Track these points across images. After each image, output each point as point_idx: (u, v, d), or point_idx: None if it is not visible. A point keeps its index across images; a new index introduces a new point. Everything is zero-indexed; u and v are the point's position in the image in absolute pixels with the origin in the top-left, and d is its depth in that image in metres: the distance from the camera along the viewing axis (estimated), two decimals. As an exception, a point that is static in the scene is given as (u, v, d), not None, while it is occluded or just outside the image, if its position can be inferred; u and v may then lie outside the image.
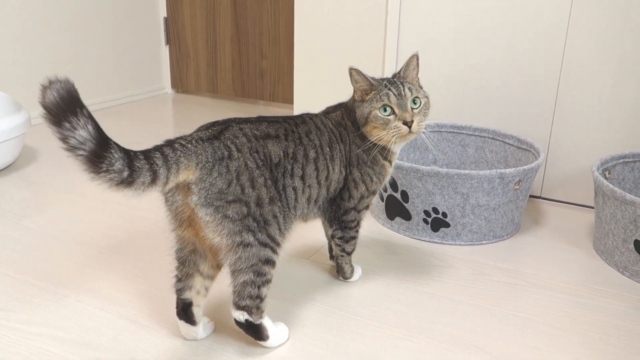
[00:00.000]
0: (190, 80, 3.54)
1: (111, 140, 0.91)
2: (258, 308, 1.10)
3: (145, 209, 1.82)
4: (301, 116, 1.24)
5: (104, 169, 0.90)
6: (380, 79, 1.24)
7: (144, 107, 3.20)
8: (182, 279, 1.14)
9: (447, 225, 1.62)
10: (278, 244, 1.09)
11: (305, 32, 2.29)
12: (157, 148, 0.98)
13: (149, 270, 1.45)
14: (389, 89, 1.19)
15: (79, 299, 1.31)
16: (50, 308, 1.27)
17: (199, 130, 1.08)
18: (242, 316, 1.10)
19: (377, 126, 1.20)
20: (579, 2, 1.79)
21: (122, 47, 3.21)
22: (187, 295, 1.14)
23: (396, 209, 1.69)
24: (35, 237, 1.62)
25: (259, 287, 1.08)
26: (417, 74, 1.26)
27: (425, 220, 1.64)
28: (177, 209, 1.06)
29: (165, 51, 3.52)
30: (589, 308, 1.33)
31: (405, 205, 1.65)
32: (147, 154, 0.95)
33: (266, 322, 1.13)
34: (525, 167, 1.59)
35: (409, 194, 1.63)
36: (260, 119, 1.14)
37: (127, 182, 0.92)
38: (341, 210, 1.28)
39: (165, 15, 3.44)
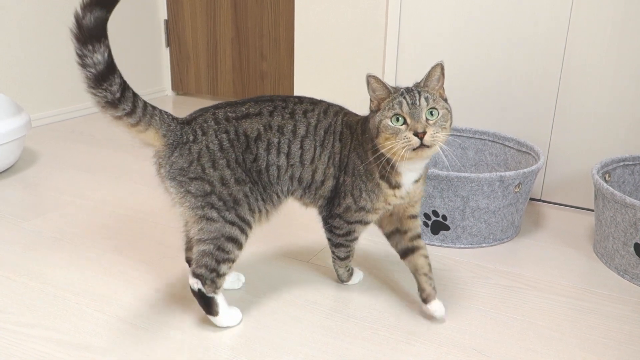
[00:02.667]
0: (190, 82, 3.55)
1: (117, 69, 1.07)
2: (213, 281, 1.17)
3: (145, 211, 1.82)
4: (314, 99, 1.24)
5: (104, 87, 1.06)
6: (399, 88, 1.17)
7: (144, 109, 3.19)
8: (188, 250, 1.31)
9: (447, 228, 1.62)
10: (248, 224, 1.17)
11: (306, 34, 2.29)
12: (144, 101, 1.13)
13: (147, 272, 1.45)
14: (404, 97, 1.11)
15: (77, 301, 1.31)
16: (49, 310, 1.27)
17: (190, 114, 1.21)
18: (196, 284, 1.17)
19: (388, 137, 1.11)
20: (579, 5, 1.79)
21: (122, 49, 3.20)
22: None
23: (396, 211, 1.68)
24: (34, 239, 1.62)
25: (217, 262, 1.16)
26: (441, 84, 1.16)
27: (425, 223, 1.64)
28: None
29: (165, 53, 3.52)
30: (588, 311, 1.33)
31: (405, 207, 1.65)
32: (136, 94, 1.11)
33: (220, 299, 1.19)
34: (525, 170, 1.59)
35: (408, 196, 1.63)
36: (247, 100, 1.19)
37: (114, 104, 1.07)
38: (331, 212, 1.26)
39: (166, 17, 3.45)
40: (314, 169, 1.22)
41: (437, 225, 1.63)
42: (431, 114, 1.11)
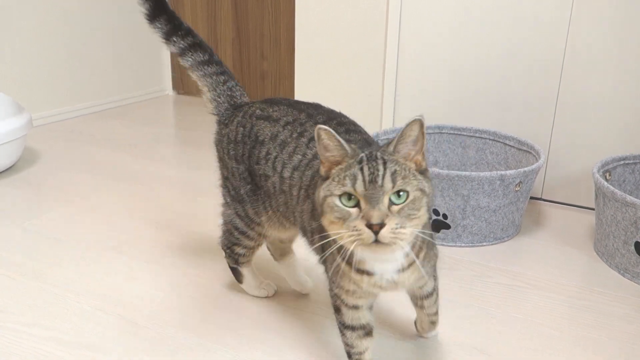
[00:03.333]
0: (191, 81, 3.52)
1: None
2: (229, 256, 1.27)
3: (145, 210, 1.82)
4: (350, 125, 1.07)
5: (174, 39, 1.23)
6: (360, 147, 0.86)
7: (145, 109, 3.20)
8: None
9: (448, 226, 1.62)
10: (254, 222, 1.18)
11: (306, 34, 2.29)
12: (224, 68, 1.25)
13: (148, 271, 1.45)
14: (361, 168, 0.79)
15: (78, 300, 1.31)
16: (49, 309, 1.27)
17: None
18: (224, 253, 1.28)
19: (334, 221, 0.80)
20: (580, 3, 1.79)
21: (123, 48, 3.21)
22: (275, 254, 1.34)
23: (396, 210, 1.68)
24: (35, 239, 1.62)
25: (231, 242, 1.25)
26: (419, 148, 0.83)
27: (425, 222, 1.64)
28: None
29: (166, 53, 3.52)
30: (589, 310, 1.33)
31: (406, 206, 1.65)
32: (212, 54, 1.24)
33: (245, 271, 1.29)
34: (525, 168, 1.59)
35: (409, 195, 1.63)
36: (284, 102, 1.16)
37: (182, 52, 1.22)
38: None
39: (166, 17, 3.45)
40: (301, 212, 1.01)
41: (438, 224, 1.63)
42: (398, 196, 0.79)
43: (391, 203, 0.78)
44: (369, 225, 0.76)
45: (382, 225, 0.76)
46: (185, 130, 2.86)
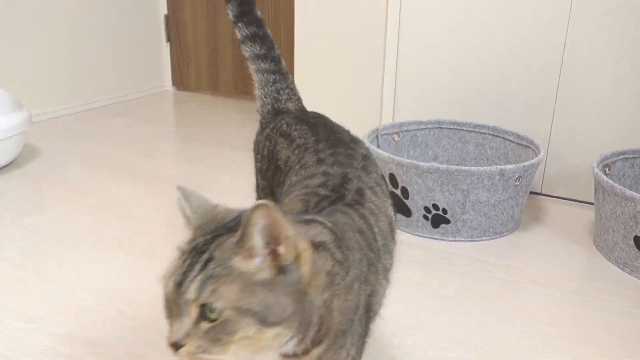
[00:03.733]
0: (191, 78, 3.54)
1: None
2: None
3: (146, 207, 1.82)
4: (350, 171, 0.85)
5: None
6: (197, 225, 0.66)
7: (145, 105, 3.20)
8: None
9: (447, 221, 1.62)
10: None
11: (305, 32, 2.29)
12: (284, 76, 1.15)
13: (150, 268, 1.46)
14: (181, 260, 0.63)
15: (80, 296, 1.32)
16: (51, 306, 1.28)
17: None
18: None
19: None
20: (579, 1, 1.79)
21: (122, 45, 3.20)
22: None
23: (396, 205, 1.69)
24: (35, 236, 1.62)
25: None
26: (277, 240, 0.59)
27: (425, 217, 1.64)
28: None
29: (166, 49, 3.52)
30: (588, 305, 1.33)
31: (406, 201, 1.65)
32: (272, 49, 1.15)
33: None
34: (525, 163, 1.59)
35: (409, 190, 1.63)
36: (308, 122, 1.03)
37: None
38: None
39: (166, 12, 3.44)
40: None
41: (438, 219, 1.63)
42: (211, 311, 0.58)
43: (200, 317, 0.58)
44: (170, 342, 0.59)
45: (178, 345, 0.58)
46: (185, 127, 2.86)
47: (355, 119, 2.24)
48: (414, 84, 2.11)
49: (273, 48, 1.15)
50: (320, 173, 0.84)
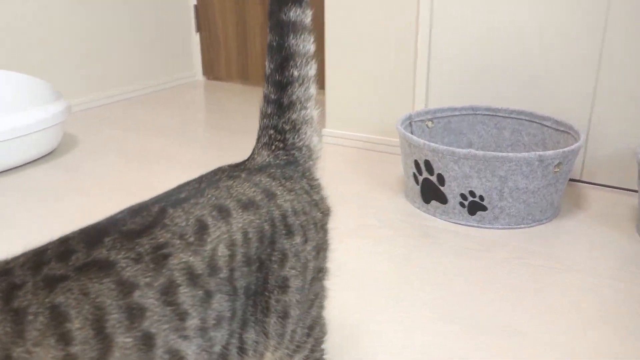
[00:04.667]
0: (221, 67, 3.56)
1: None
2: None
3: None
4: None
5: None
6: None
7: (175, 95, 3.23)
8: None
9: (485, 208, 1.60)
10: None
11: (337, 15, 2.27)
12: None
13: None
14: None
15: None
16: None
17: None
18: None
19: None
20: (623, -23, 1.73)
21: (152, 35, 3.24)
22: None
23: (432, 192, 1.67)
24: (72, 225, 1.66)
25: None
26: None
27: (461, 204, 1.62)
28: None
29: (195, 38, 3.54)
30: (628, 293, 1.30)
31: (442, 188, 1.63)
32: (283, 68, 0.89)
33: None
34: (565, 149, 1.55)
35: (445, 177, 1.61)
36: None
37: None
38: None
39: (195, 2, 3.46)
40: None
41: (474, 206, 1.60)
42: None
43: None
44: None
45: None
46: (215, 116, 2.88)
47: (388, 101, 2.21)
48: (446, 69, 2.07)
49: (284, 66, 0.89)
50: None
